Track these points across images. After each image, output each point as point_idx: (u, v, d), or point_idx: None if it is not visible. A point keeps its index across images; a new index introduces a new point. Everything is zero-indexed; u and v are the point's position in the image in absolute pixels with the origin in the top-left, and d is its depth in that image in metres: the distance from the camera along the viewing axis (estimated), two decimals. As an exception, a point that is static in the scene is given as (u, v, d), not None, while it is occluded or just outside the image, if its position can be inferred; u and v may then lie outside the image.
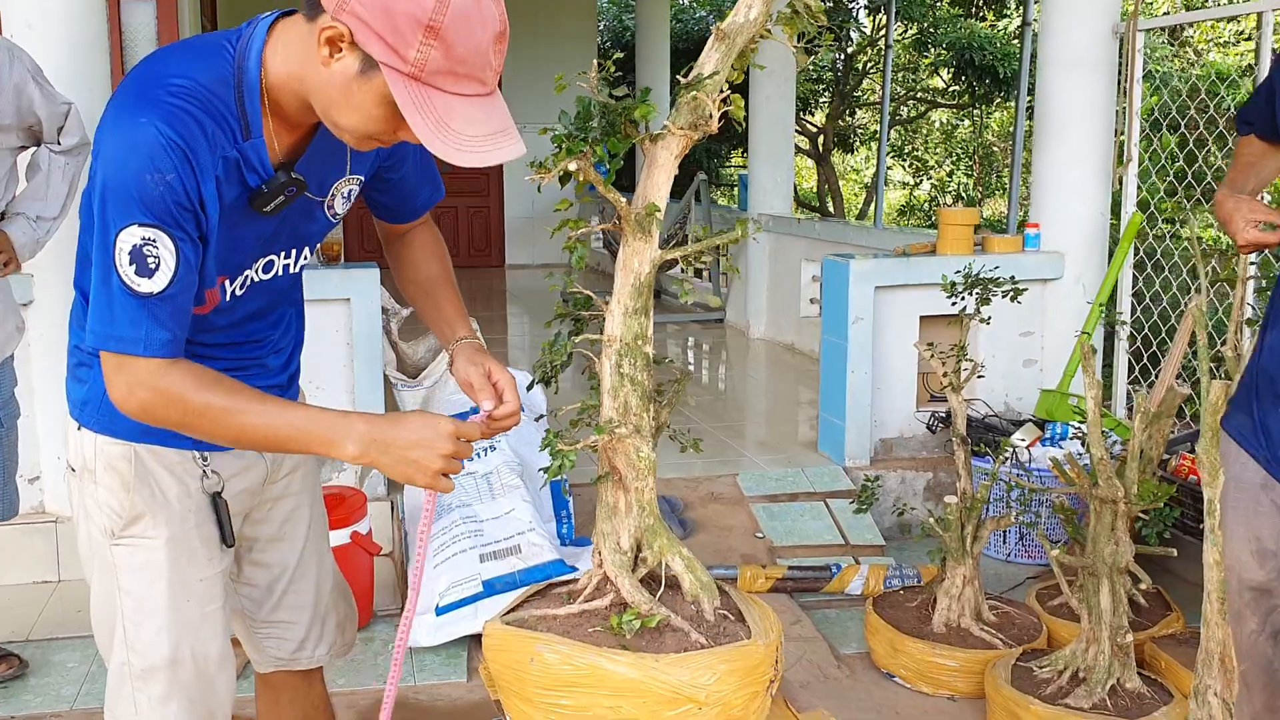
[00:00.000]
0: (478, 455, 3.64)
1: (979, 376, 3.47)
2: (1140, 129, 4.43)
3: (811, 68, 13.16)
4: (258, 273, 1.68)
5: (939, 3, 13.24)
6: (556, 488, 3.81)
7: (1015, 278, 3.32)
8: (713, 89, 1.78)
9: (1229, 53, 11.66)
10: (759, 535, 3.98)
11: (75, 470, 1.71)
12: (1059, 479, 3.09)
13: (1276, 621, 2.08)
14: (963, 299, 3.28)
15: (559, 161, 1.73)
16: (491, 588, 3.25)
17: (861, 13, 13.77)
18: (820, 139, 14.47)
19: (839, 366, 4.43)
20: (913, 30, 13.34)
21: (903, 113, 15.11)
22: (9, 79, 2.85)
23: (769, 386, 6.22)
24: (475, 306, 8.16)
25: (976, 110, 14.64)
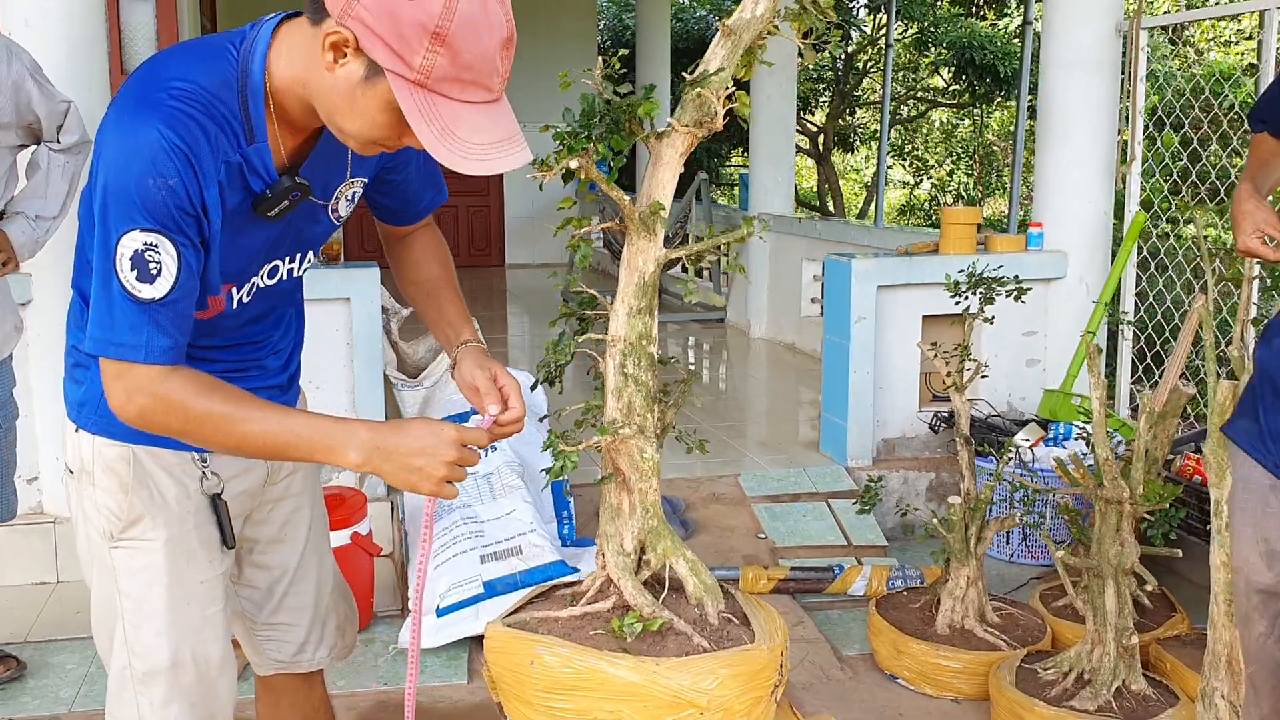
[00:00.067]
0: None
1: (982, 376, 3.46)
2: (1143, 127, 4.42)
3: (812, 67, 13.16)
4: (263, 278, 1.66)
5: (939, 2, 13.24)
6: (558, 488, 3.80)
7: (1019, 277, 3.31)
8: (718, 86, 1.76)
9: (1230, 51, 11.65)
10: (761, 536, 3.97)
11: (73, 472, 1.69)
12: (1063, 479, 3.08)
13: (1285, 624, 2.06)
14: (966, 298, 3.27)
15: (561, 159, 1.71)
16: (492, 589, 3.24)
17: (861, 12, 13.77)
18: (820, 138, 14.47)
19: (841, 366, 4.42)
20: (913, 29, 13.35)
21: (903, 112, 15.11)
22: (7, 76, 2.84)
23: (770, 386, 6.21)
24: (475, 306, 8.14)
25: (977, 109, 14.65)
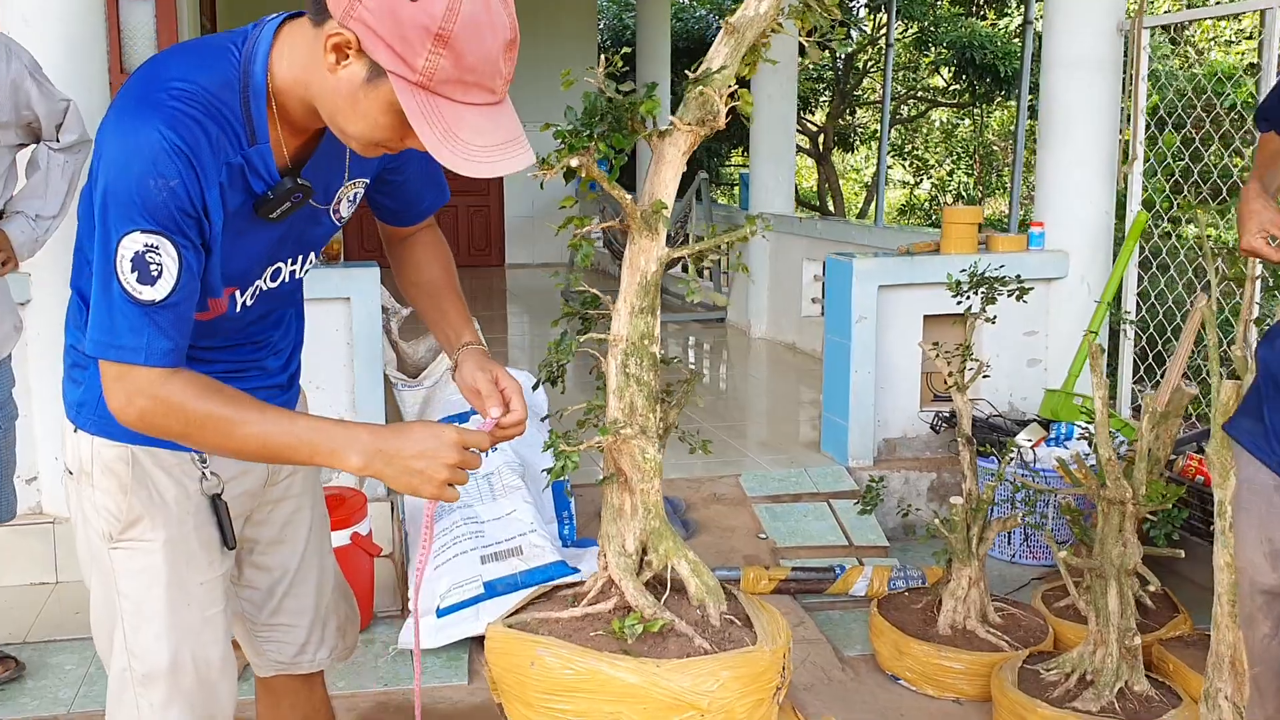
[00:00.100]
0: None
1: (984, 376, 3.45)
2: (1144, 127, 4.42)
3: (812, 66, 13.16)
4: (266, 281, 1.65)
5: (939, 1, 13.23)
6: (559, 488, 3.79)
7: (1020, 277, 3.30)
8: (721, 84, 1.75)
9: (1231, 51, 11.64)
10: (762, 536, 3.96)
11: (72, 473, 1.68)
12: (1065, 479, 3.07)
13: (1289, 625, 2.05)
14: (968, 298, 3.26)
15: (562, 158, 1.70)
16: (493, 589, 3.23)
17: (861, 11, 13.76)
18: (820, 138, 14.46)
19: (842, 366, 4.41)
20: (913, 29, 13.34)
21: (903, 112, 15.10)
22: (6, 75, 2.83)
23: (771, 386, 6.20)
24: (475, 306, 8.11)
25: (977, 109, 14.64)
